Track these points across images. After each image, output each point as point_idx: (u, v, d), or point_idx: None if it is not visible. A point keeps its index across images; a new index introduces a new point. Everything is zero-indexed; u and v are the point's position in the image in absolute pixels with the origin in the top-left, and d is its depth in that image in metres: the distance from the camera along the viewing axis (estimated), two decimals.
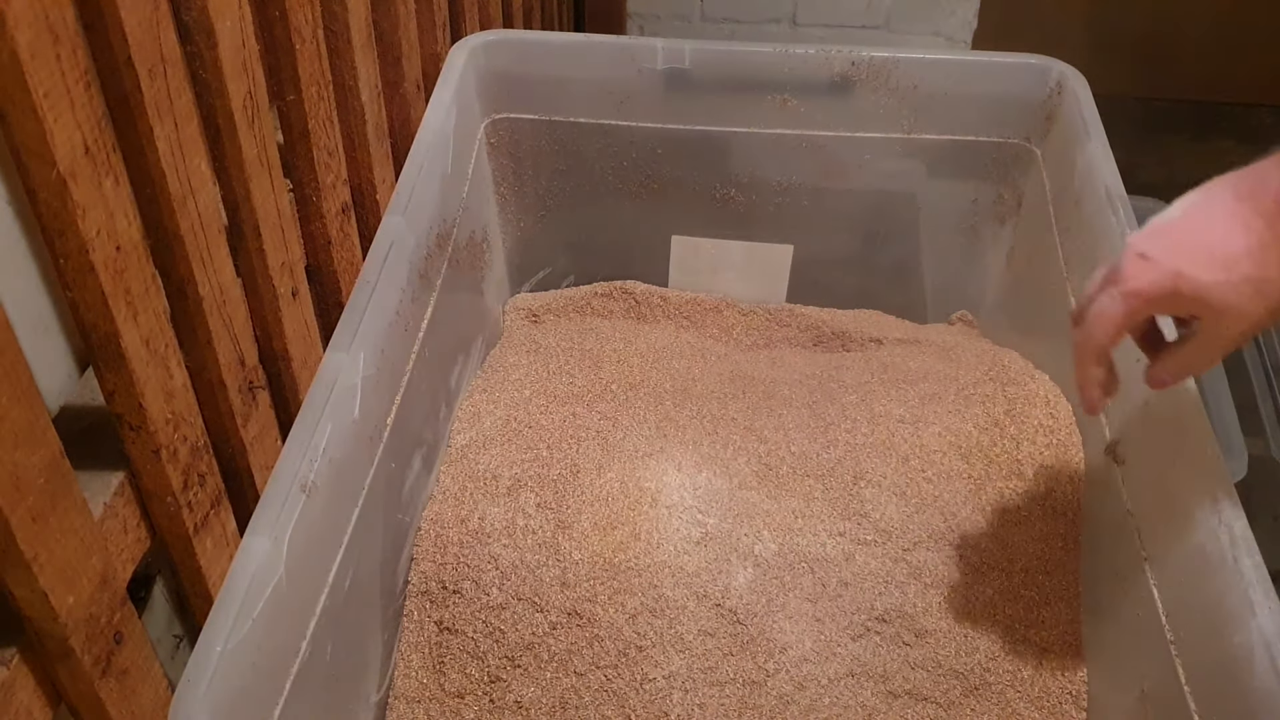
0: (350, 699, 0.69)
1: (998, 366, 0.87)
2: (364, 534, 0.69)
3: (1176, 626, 0.63)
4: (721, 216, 1.04)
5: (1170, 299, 0.55)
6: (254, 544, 0.58)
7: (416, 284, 0.78)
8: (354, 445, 0.68)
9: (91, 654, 0.54)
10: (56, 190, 0.48)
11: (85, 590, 0.53)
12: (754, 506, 0.79)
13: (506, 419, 0.86)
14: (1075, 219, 0.86)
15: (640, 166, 1.01)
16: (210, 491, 0.64)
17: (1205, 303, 0.54)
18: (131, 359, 0.55)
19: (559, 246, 1.07)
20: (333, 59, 0.78)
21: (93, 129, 0.50)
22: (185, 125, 0.58)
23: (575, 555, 0.75)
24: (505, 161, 1.01)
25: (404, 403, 0.75)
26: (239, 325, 0.66)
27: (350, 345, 0.69)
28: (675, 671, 0.71)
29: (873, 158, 0.99)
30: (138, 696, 0.58)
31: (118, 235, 0.52)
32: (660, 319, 1.04)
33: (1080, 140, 0.87)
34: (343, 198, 0.80)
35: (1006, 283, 1.02)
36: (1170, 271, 0.55)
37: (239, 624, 0.54)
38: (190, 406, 0.61)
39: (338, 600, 0.65)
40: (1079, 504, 0.78)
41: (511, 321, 1.03)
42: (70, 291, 0.52)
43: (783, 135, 0.98)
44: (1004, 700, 0.73)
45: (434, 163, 0.84)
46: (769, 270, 1.06)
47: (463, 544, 0.77)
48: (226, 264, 0.64)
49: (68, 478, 0.50)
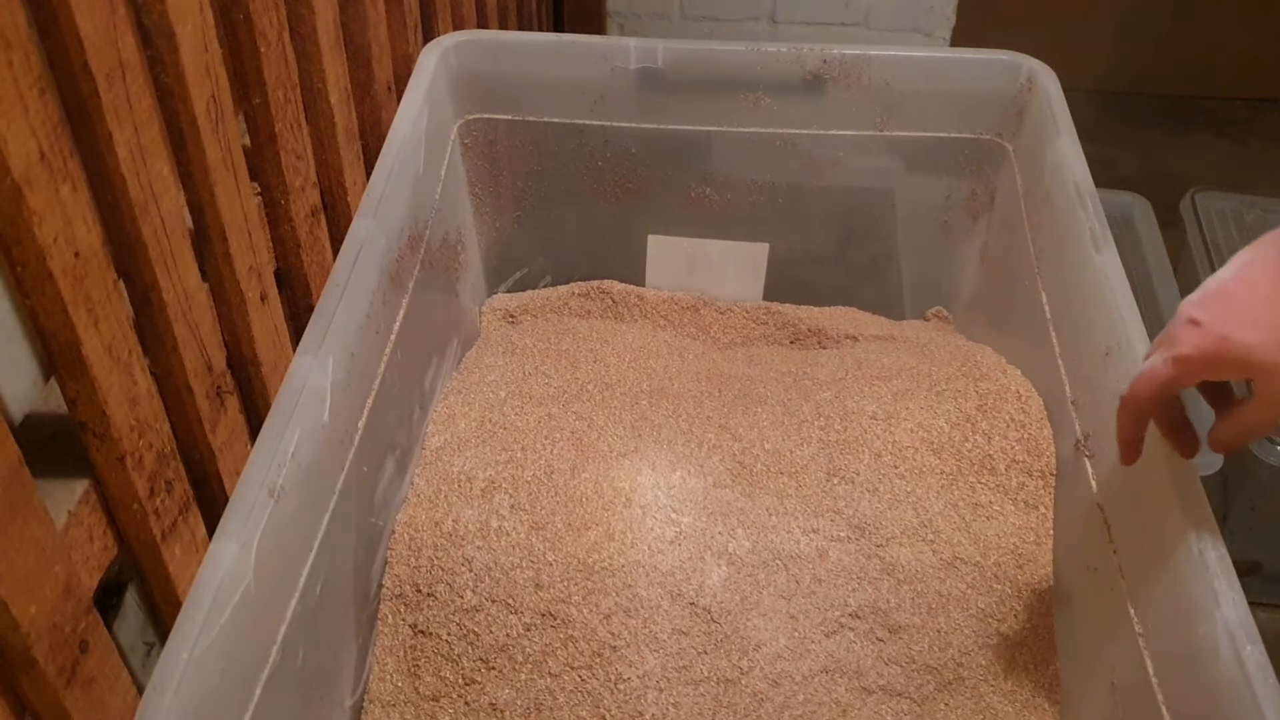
0: (324, 704, 0.69)
1: (970, 362, 0.87)
2: (336, 538, 0.69)
3: (1144, 618, 0.64)
4: (698, 215, 1.04)
5: (1218, 364, 0.56)
6: (221, 550, 0.58)
7: (388, 286, 0.78)
8: (324, 449, 0.68)
9: (56, 663, 0.53)
10: (11, 197, 0.48)
11: (48, 600, 0.52)
12: (728, 505, 0.79)
13: (481, 420, 0.86)
14: (1046, 214, 0.87)
15: (615, 166, 1.01)
16: (178, 498, 0.64)
17: (1253, 366, 0.54)
18: (93, 366, 0.54)
19: (536, 247, 1.07)
20: (300, 62, 0.78)
21: (48, 135, 0.49)
22: (146, 130, 0.58)
23: (549, 556, 0.75)
24: (479, 162, 1.00)
25: (376, 406, 0.75)
26: (206, 331, 0.66)
27: (319, 349, 0.68)
28: (650, 671, 0.71)
29: (846, 155, 0.99)
30: (105, 705, 0.58)
31: (76, 242, 0.52)
32: (637, 318, 1.04)
33: (1050, 136, 0.87)
34: (312, 201, 0.80)
35: (981, 278, 1.02)
36: (1217, 337, 0.55)
37: (206, 630, 0.54)
38: (156, 413, 0.61)
39: (309, 605, 0.65)
40: (1050, 498, 0.78)
41: (488, 322, 1.03)
42: (29, 299, 0.52)
43: (757, 134, 0.98)
44: (978, 694, 0.73)
45: (405, 164, 0.84)
46: (745, 269, 1.06)
47: (437, 547, 0.76)
48: (192, 269, 0.64)
49: (27, 487, 0.50)
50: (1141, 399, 0.59)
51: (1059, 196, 0.84)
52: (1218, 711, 0.55)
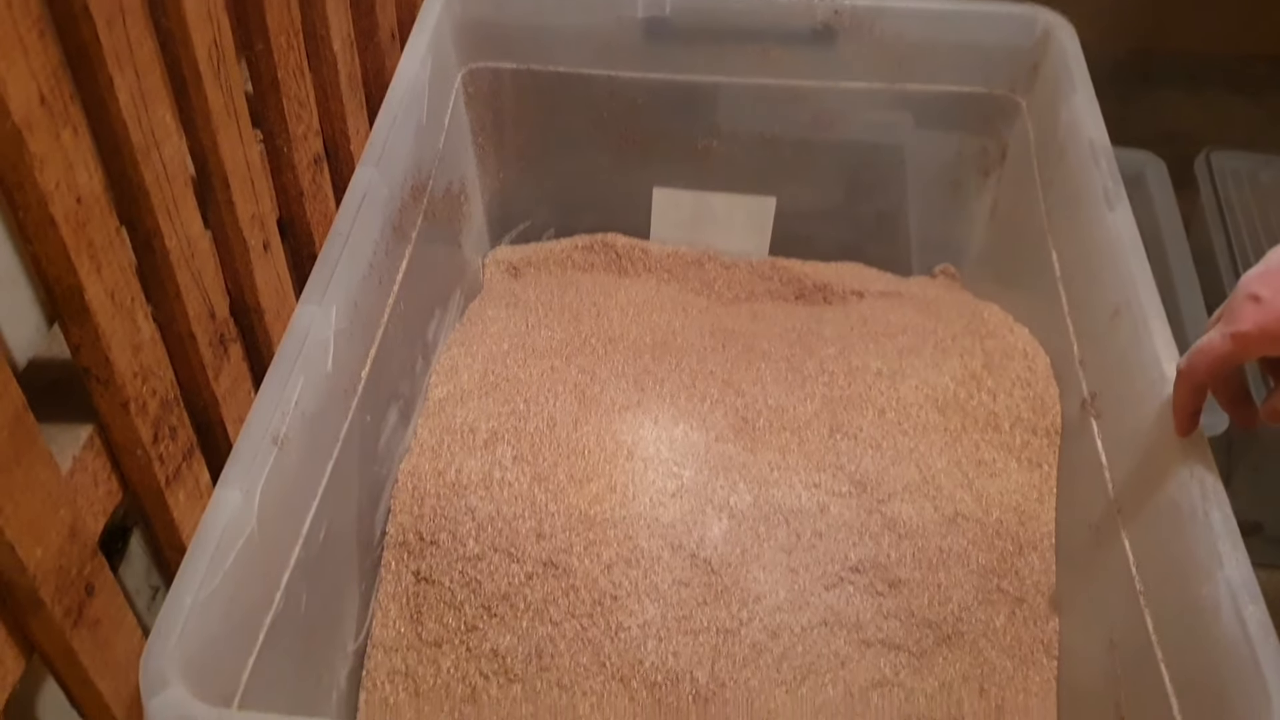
0: (327, 648, 0.70)
1: (977, 319, 0.87)
2: (339, 486, 0.70)
3: (1146, 577, 0.64)
4: (703, 168, 1.03)
5: (1278, 340, 0.55)
6: (225, 496, 0.58)
7: (391, 236, 0.78)
8: (327, 398, 0.68)
9: (62, 605, 0.54)
10: (12, 140, 0.47)
11: (54, 543, 0.53)
12: (730, 459, 0.79)
13: (484, 372, 0.86)
14: (1058, 171, 0.86)
15: (621, 117, 1.00)
16: (182, 444, 0.64)
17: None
18: (96, 312, 0.54)
19: (539, 198, 1.06)
20: (304, 8, 0.77)
21: (49, 79, 0.49)
22: (147, 75, 0.57)
23: (551, 507, 0.75)
24: (483, 112, 0.99)
25: (379, 356, 0.75)
26: (209, 278, 0.66)
27: (322, 298, 0.68)
28: (649, 620, 0.72)
29: (856, 108, 0.98)
30: (111, 647, 0.59)
31: (78, 187, 0.52)
32: (641, 272, 1.03)
33: (1065, 92, 0.86)
34: (315, 149, 0.79)
35: (990, 235, 1.01)
36: (1276, 314, 0.54)
37: (210, 576, 0.55)
38: (159, 359, 0.61)
39: (312, 552, 0.65)
40: (1054, 456, 0.78)
41: (491, 275, 1.02)
42: (31, 245, 0.52)
43: (765, 85, 0.97)
44: (977, 649, 0.74)
45: (409, 113, 0.83)
46: (751, 223, 1.06)
47: (440, 496, 0.77)
48: (195, 216, 0.64)
49: (31, 431, 0.50)
50: (1198, 372, 0.59)
51: (1072, 153, 0.83)
52: (1217, 670, 0.55)
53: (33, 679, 0.64)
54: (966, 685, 0.71)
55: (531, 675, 0.71)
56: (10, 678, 0.54)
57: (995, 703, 0.71)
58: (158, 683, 0.49)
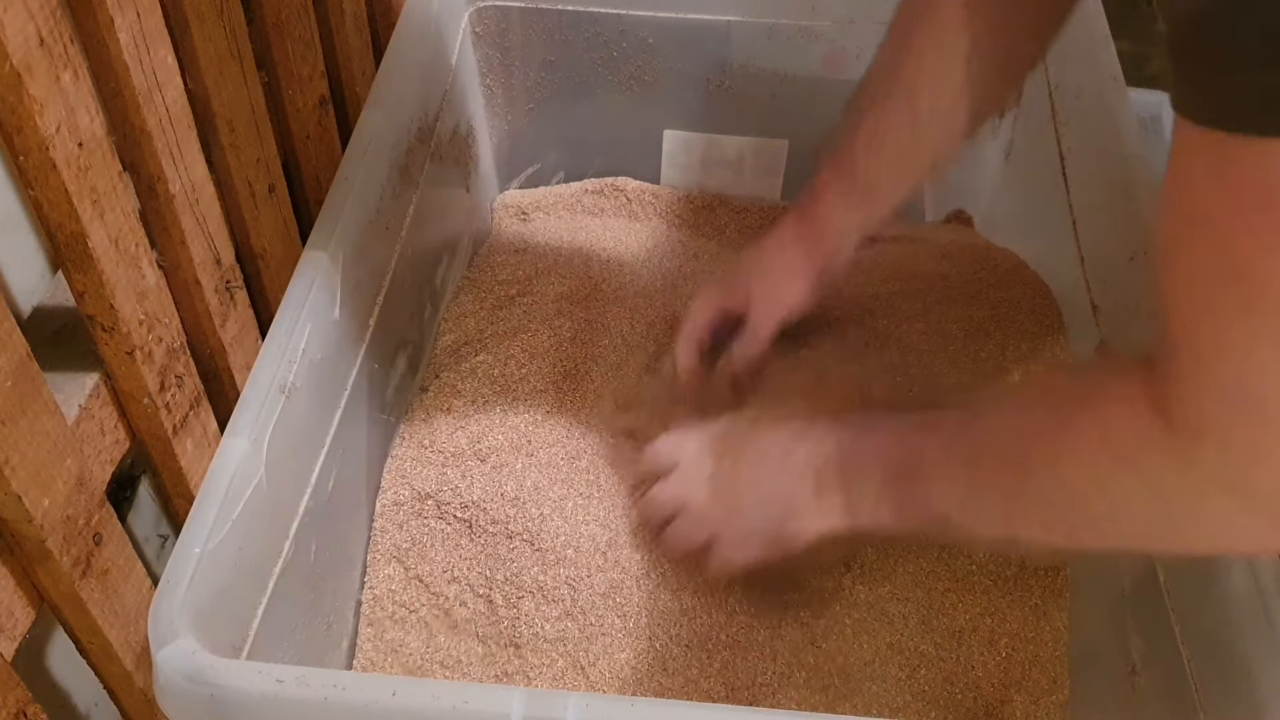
0: (336, 596, 0.70)
1: (989, 266, 0.86)
2: (347, 435, 0.69)
3: None
4: (715, 110, 1.01)
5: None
6: (232, 445, 0.58)
7: (397, 180, 0.77)
8: (335, 346, 0.67)
9: (70, 555, 0.54)
10: (11, 84, 0.46)
11: (61, 492, 0.52)
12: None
13: (493, 319, 0.85)
14: (1075, 111, 0.84)
15: (631, 57, 0.98)
16: (189, 393, 0.64)
17: None
18: (100, 259, 0.53)
19: (549, 141, 1.04)
20: None
21: (47, 19, 0.47)
22: (148, 16, 0.55)
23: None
24: (491, 52, 0.97)
25: (386, 302, 0.74)
26: (213, 223, 0.65)
27: (329, 244, 0.67)
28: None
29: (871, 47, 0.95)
30: (120, 596, 0.59)
31: (79, 131, 0.51)
32: (652, 217, 1.02)
33: (1082, 30, 0.84)
34: (320, 91, 0.78)
35: (1005, 179, 0.99)
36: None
37: (218, 525, 0.54)
38: (165, 307, 0.60)
39: (321, 500, 0.65)
40: None
41: (500, 219, 1.01)
42: (33, 190, 0.50)
43: (778, 24, 0.95)
44: (988, 599, 0.73)
45: (415, 53, 0.81)
46: (764, 166, 1.04)
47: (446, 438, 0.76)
48: (198, 160, 0.62)
49: (36, 380, 0.49)
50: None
51: (1089, 94, 0.81)
52: (1229, 622, 0.55)
53: (42, 629, 0.64)
54: (976, 635, 0.71)
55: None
56: (20, 628, 0.54)
57: (1004, 653, 0.71)
58: (167, 633, 0.49)
